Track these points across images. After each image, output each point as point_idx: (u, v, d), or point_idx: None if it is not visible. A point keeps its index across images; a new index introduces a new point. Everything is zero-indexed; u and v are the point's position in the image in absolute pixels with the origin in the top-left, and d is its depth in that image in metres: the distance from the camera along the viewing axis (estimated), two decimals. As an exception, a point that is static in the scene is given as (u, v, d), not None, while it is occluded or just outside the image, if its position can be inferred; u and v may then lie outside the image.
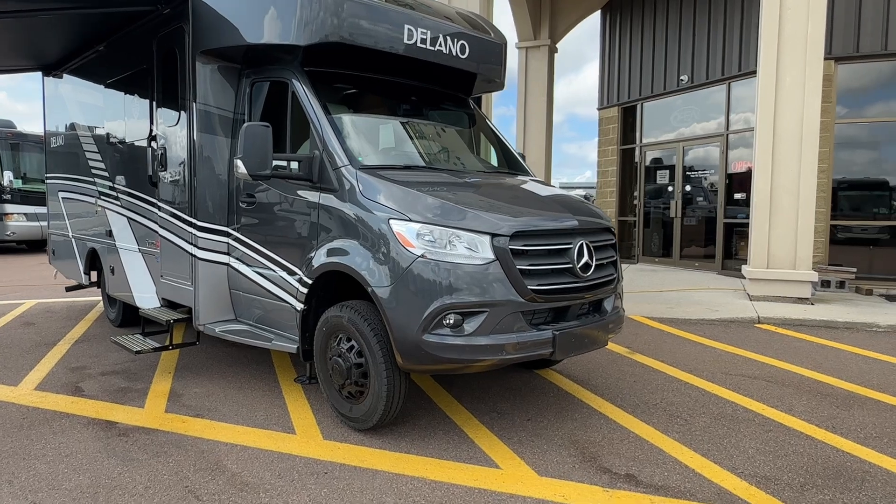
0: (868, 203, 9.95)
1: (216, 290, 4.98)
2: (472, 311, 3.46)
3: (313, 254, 4.07)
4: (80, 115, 7.17)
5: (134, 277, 6.10)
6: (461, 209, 3.61)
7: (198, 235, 4.91)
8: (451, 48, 4.81)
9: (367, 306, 3.83)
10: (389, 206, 3.65)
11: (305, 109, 4.22)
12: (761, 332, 6.93)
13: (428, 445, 3.77)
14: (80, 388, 4.89)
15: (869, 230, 9.87)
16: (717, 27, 10.78)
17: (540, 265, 3.65)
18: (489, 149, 5.47)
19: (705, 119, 11.44)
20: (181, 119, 5.06)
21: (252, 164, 3.89)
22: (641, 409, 4.37)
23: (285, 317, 4.41)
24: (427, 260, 3.47)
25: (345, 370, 3.84)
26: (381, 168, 4.05)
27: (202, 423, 4.16)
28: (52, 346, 6.27)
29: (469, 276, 3.45)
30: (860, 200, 9.96)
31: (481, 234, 3.52)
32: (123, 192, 6.10)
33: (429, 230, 3.52)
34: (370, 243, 3.69)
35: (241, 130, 3.89)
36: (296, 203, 4.23)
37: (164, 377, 5.17)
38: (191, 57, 4.85)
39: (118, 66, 6.16)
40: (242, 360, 5.65)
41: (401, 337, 3.51)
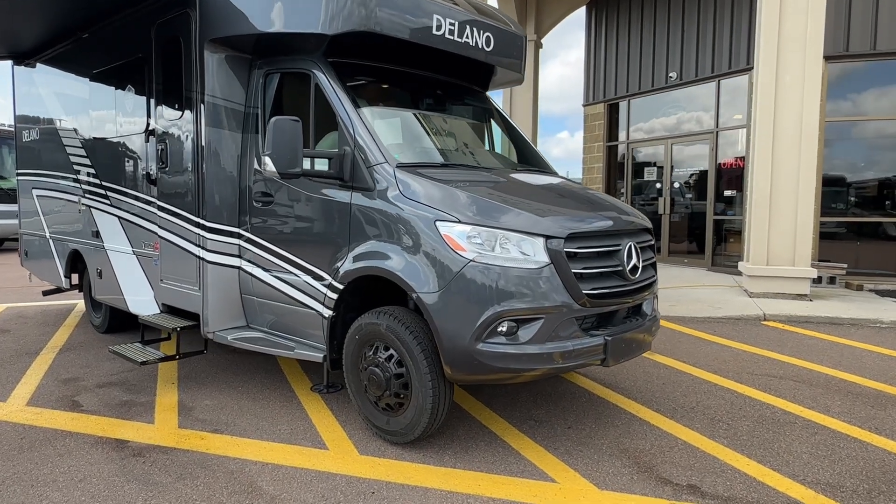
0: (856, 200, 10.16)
1: (227, 296, 4.67)
2: (528, 317, 3.28)
3: (344, 257, 3.82)
4: (59, 108, 6.69)
5: (127, 281, 5.72)
6: (513, 210, 3.41)
7: (206, 237, 4.59)
8: (478, 40, 4.61)
9: (408, 313, 3.60)
10: (434, 206, 3.43)
11: (332, 103, 3.96)
12: (770, 329, 6.95)
13: (473, 458, 3.58)
14: (78, 403, 4.53)
15: (856, 226, 10.07)
16: (707, 24, 10.83)
17: (592, 268, 3.49)
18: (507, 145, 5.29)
19: (694, 116, 11.51)
20: (185, 112, 4.72)
21: (282, 162, 3.62)
22: (681, 414, 4.27)
23: (309, 323, 4.15)
24: (478, 264, 3.26)
25: (383, 381, 3.61)
26: (419, 166, 3.82)
27: (222, 439, 3.87)
28: (34, 355, 5.84)
29: (523, 281, 3.26)
30: (848, 197, 10.16)
31: (535, 236, 3.33)
32: (114, 190, 5.70)
33: (479, 232, 3.32)
34: (412, 246, 3.47)
35: (270, 125, 3.61)
36: (323, 203, 3.96)
37: (168, 388, 4.84)
38: (198, 46, 4.52)
39: (107, 55, 5.74)
40: (248, 368, 5.35)
41: (451, 346, 3.30)
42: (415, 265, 3.43)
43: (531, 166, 4.81)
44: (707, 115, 11.22)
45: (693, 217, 11.83)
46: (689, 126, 11.63)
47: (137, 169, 5.39)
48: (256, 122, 4.51)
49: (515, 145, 5.03)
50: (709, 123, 11.17)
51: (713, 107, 10.97)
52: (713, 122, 11.03)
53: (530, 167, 4.72)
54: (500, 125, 5.14)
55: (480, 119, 5.06)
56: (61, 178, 6.67)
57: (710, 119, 11.14)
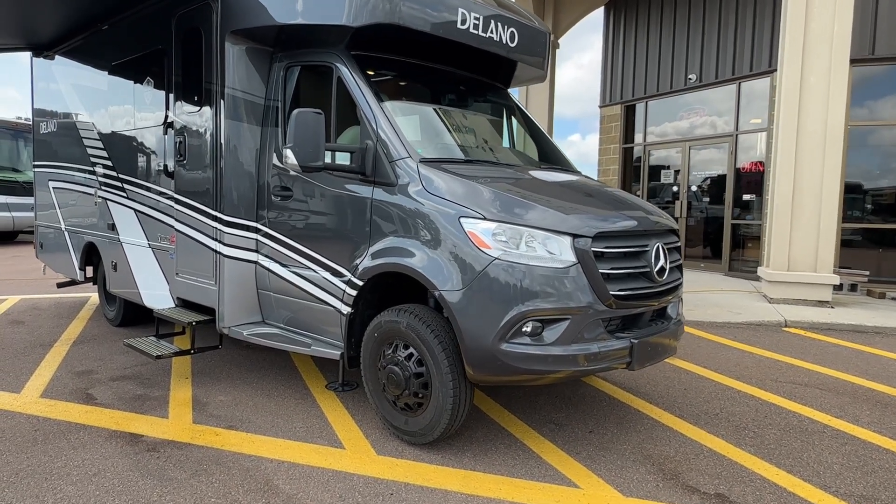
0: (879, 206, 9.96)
1: (243, 290, 4.62)
2: (553, 318, 3.19)
3: (364, 253, 3.75)
4: (76, 100, 6.68)
5: (142, 274, 5.69)
6: (539, 207, 3.33)
7: (223, 231, 4.54)
8: (502, 35, 4.53)
9: (429, 311, 3.53)
10: (458, 202, 3.35)
11: (355, 97, 3.89)
12: (792, 336, 6.82)
13: (493, 461, 3.50)
14: (92, 396, 4.49)
15: (878, 233, 9.88)
16: (728, 26, 10.68)
17: (619, 269, 3.40)
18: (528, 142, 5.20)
19: (713, 119, 11.36)
20: (204, 105, 4.67)
21: (304, 155, 3.55)
22: (705, 420, 4.16)
23: (326, 320, 4.08)
24: (503, 262, 3.18)
25: (402, 380, 3.54)
26: (442, 161, 3.74)
27: (238, 435, 3.81)
28: (48, 347, 5.82)
29: (549, 280, 3.18)
30: (871, 203, 9.96)
31: (561, 234, 3.24)
32: (131, 182, 5.67)
33: (504, 229, 3.24)
34: (435, 243, 3.39)
35: (292, 117, 3.55)
36: (344, 198, 3.90)
37: (181, 383, 4.79)
38: (219, 37, 4.47)
39: (126, 46, 5.71)
40: (262, 364, 5.30)
41: (473, 346, 3.22)
42: (437, 262, 3.36)
43: (553, 164, 4.72)
44: (726, 117, 11.07)
45: (710, 221, 11.67)
46: (708, 129, 11.48)
47: (154, 162, 5.36)
48: (276, 116, 4.46)
49: (537, 143, 4.95)
50: (728, 126, 11.02)
51: (733, 109, 10.82)
52: (733, 125, 10.88)
53: (553, 165, 4.63)
54: (522, 122, 5.05)
55: (502, 116, 4.98)
56: (78, 170, 6.66)
57: (729, 122, 10.98)
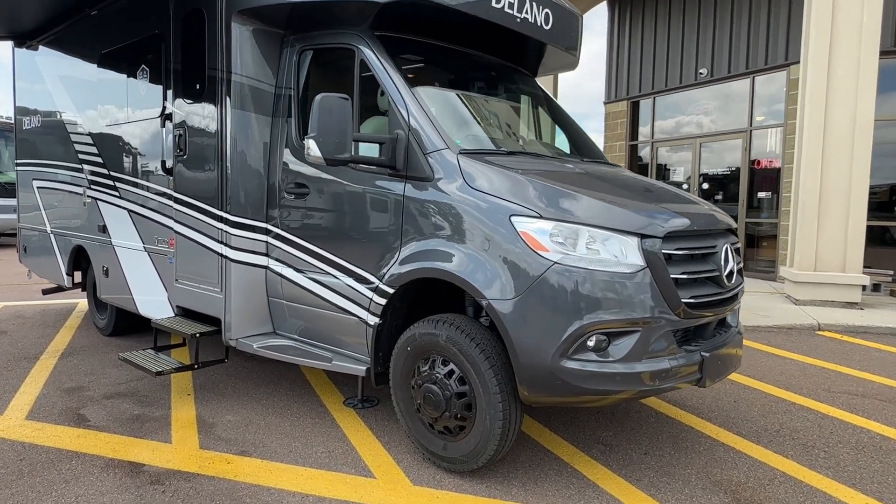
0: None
1: (252, 298, 4.18)
2: (622, 330, 2.80)
3: (395, 257, 3.33)
4: (63, 93, 6.19)
5: (136, 280, 5.22)
6: (601, 204, 2.93)
7: (230, 233, 4.10)
8: (537, 16, 4.13)
9: (472, 322, 3.12)
10: (508, 199, 2.95)
11: (382, 82, 3.47)
12: (827, 340, 6.48)
13: (545, 491, 3.10)
14: (84, 417, 4.03)
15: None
16: (742, 18, 10.36)
17: (689, 273, 3.01)
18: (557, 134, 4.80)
19: (726, 114, 11.04)
20: (207, 94, 4.23)
21: (328, 146, 3.13)
22: (767, 438, 3.79)
23: (349, 332, 3.67)
24: (564, 267, 2.78)
25: (441, 401, 3.12)
26: (484, 153, 3.34)
27: (252, 463, 3.38)
28: (34, 360, 5.33)
29: (616, 287, 2.78)
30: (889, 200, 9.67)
31: (628, 234, 2.85)
32: (124, 180, 5.21)
33: (563, 229, 2.84)
34: (480, 245, 2.98)
35: (315, 103, 3.12)
36: (370, 195, 3.47)
37: (183, 401, 4.34)
38: (224, 18, 4.03)
39: (117, 33, 5.25)
40: (270, 378, 4.86)
41: (529, 362, 2.81)
42: (484, 267, 2.95)
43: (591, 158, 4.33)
44: (739, 113, 10.75)
45: (722, 220, 11.30)
46: (720, 124, 11.16)
47: (151, 158, 4.90)
48: (289, 105, 4.03)
49: (571, 135, 4.55)
50: (742, 122, 10.70)
51: (747, 104, 10.50)
52: (746, 120, 10.57)
53: (597, 159, 4.24)
54: (554, 113, 4.65)
55: (533, 105, 4.58)
56: (65, 168, 6.17)
57: (742, 117, 10.67)
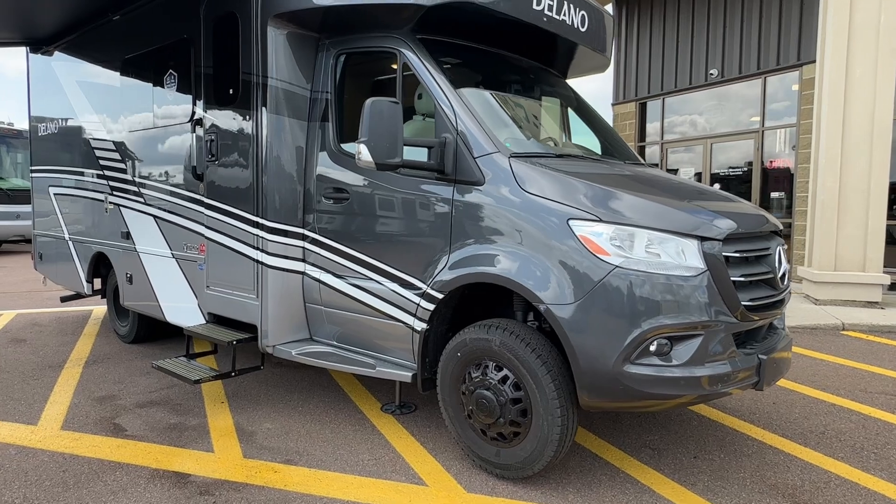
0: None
1: (289, 304, 4.14)
2: (685, 334, 2.78)
3: (444, 262, 3.30)
4: (82, 98, 6.13)
5: (163, 287, 5.17)
6: (661, 207, 2.91)
7: (267, 238, 4.06)
8: (574, 18, 4.11)
9: (526, 328, 3.09)
10: (566, 202, 2.92)
11: (427, 86, 3.44)
12: (854, 340, 6.47)
13: (602, 497, 3.06)
14: (121, 427, 3.98)
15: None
16: (752, 18, 10.38)
17: (748, 275, 2.99)
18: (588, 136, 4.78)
19: (737, 115, 11.05)
20: (241, 99, 4.19)
21: (380, 150, 3.09)
22: (814, 441, 3.77)
23: (393, 338, 3.63)
24: (625, 270, 2.75)
25: (496, 407, 3.09)
26: (534, 156, 3.31)
27: (300, 471, 3.34)
28: (58, 368, 5.28)
29: (678, 291, 2.76)
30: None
31: (688, 237, 2.83)
32: (149, 186, 5.16)
33: (623, 233, 2.81)
34: (537, 249, 2.95)
35: (366, 108, 3.09)
36: (417, 199, 3.44)
37: (218, 409, 4.30)
38: (259, 22, 3.99)
39: (142, 38, 5.20)
40: (302, 384, 4.81)
41: (590, 368, 2.79)
42: (540, 271, 2.92)
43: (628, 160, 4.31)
44: (751, 113, 10.77)
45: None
46: (731, 125, 11.17)
47: (179, 163, 4.85)
48: (326, 109, 4.00)
49: (605, 137, 4.52)
50: (754, 122, 10.72)
51: (758, 105, 10.51)
52: (759, 120, 10.58)
53: (632, 160, 4.21)
54: (587, 115, 4.62)
55: (566, 107, 4.55)
56: (84, 174, 6.12)
57: (754, 118, 10.69)
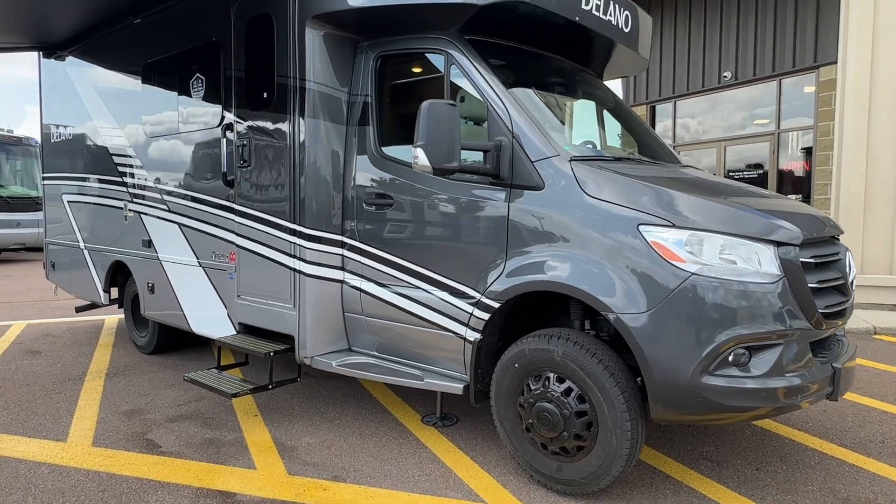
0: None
1: (327, 314, 4.01)
2: (765, 343, 2.67)
3: (500, 270, 3.18)
4: (99, 103, 6.00)
5: (188, 296, 5.03)
6: (735, 211, 2.81)
7: (304, 246, 3.93)
8: (618, 18, 4.02)
9: (590, 338, 2.98)
10: (634, 207, 2.81)
11: (480, 88, 3.33)
12: (889, 344, 6.36)
13: (670, 514, 2.95)
14: (153, 442, 3.84)
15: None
16: (766, 21, 10.34)
17: (822, 281, 2.89)
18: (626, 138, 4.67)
19: (751, 117, 11.00)
20: (277, 103, 4.07)
21: (437, 154, 2.98)
22: (875, 450, 3.66)
23: (442, 348, 3.51)
24: (702, 278, 2.65)
25: (559, 420, 2.97)
26: (594, 159, 3.21)
27: (350, 489, 3.21)
28: (79, 381, 5.13)
29: (756, 298, 2.65)
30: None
31: (764, 242, 2.72)
32: (174, 193, 5.02)
33: (697, 238, 2.70)
34: (604, 256, 2.84)
35: (422, 110, 2.97)
36: (470, 205, 3.32)
37: (252, 422, 4.16)
38: (297, 24, 3.88)
39: (166, 41, 5.08)
40: (334, 395, 4.68)
41: (665, 379, 2.67)
42: (608, 280, 2.81)
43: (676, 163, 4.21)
44: (766, 115, 10.71)
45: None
46: (746, 128, 11.11)
47: (207, 169, 4.72)
48: (366, 113, 3.89)
49: (649, 140, 4.42)
50: (769, 124, 10.67)
51: (774, 107, 10.47)
52: (774, 123, 10.54)
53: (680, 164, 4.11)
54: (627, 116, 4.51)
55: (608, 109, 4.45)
56: (101, 181, 5.99)
57: (769, 120, 10.64)
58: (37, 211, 13.73)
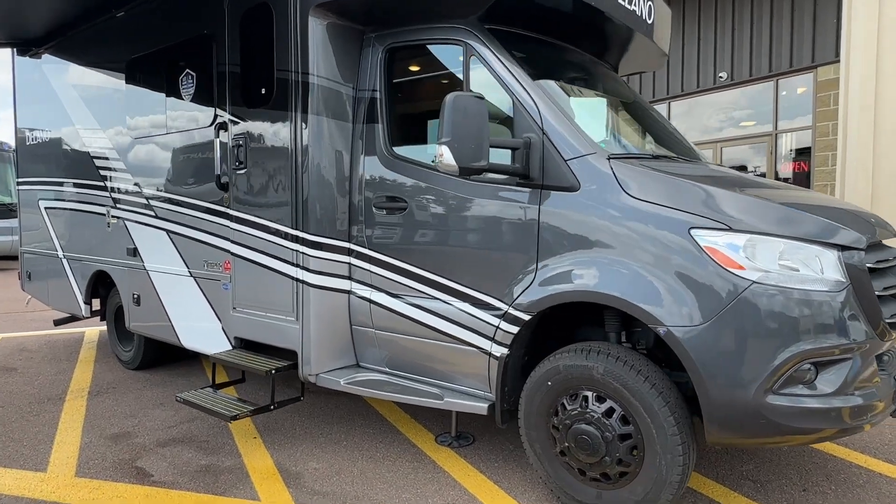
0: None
1: (333, 327, 3.71)
2: (833, 358, 2.42)
3: (531, 279, 2.91)
4: (79, 104, 5.63)
5: (178, 309, 4.69)
6: (796, 213, 2.56)
7: (308, 254, 3.62)
8: (643, 9, 3.79)
9: (633, 353, 2.72)
10: (685, 209, 2.56)
11: (505, 81, 3.06)
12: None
13: (723, 544, 2.69)
14: (144, 471, 3.49)
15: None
16: (762, 22, 10.24)
17: (887, 288, 2.66)
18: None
19: (747, 118, 10.89)
20: (276, 99, 3.76)
21: (464, 153, 2.70)
22: (923, 466, 3.46)
23: (463, 364, 3.22)
24: (765, 286, 2.40)
25: (601, 444, 2.70)
26: (632, 157, 2.95)
27: (366, 523, 2.91)
28: (59, 401, 4.75)
29: (822, 308, 2.41)
30: None
31: (828, 247, 2.49)
32: (161, 198, 4.68)
33: (758, 243, 2.46)
34: (651, 263, 2.58)
35: (446, 104, 2.70)
36: (495, 208, 3.04)
37: (252, 446, 3.83)
38: (299, 14, 3.58)
39: (151, 36, 4.74)
40: (337, 414, 4.36)
41: (725, 399, 2.42)
42: (657, 289, 2.55)
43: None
44: (763, 116, 10.61)
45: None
46: (743, 129, 11.00)
47: (198, 172, 4.39)
48: (373, 110, 3.60)
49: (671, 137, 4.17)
50: (766, 125, 10.57)
51: (771, 108, 10.36)
52: (772, 123, 10.43)
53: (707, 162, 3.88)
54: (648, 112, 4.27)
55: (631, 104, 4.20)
56: (81, 186, 5.62)
57: (767, 121, 10.53)
58: (11, 218, 13.19)
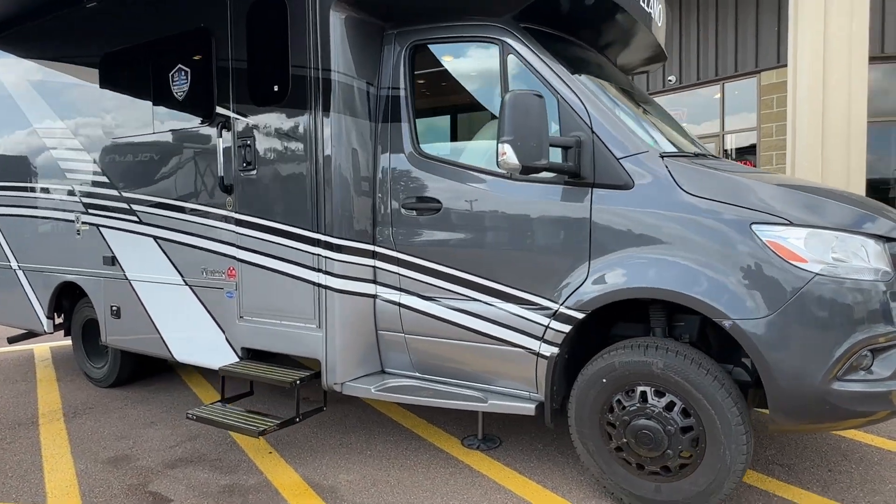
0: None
1: (359, 333, 3.58)
2: (888, 345, 2.56)
3: (583, 277, 2.91)
4: (39, 101, 5.18)
5: (169, 320, 4.40)
6: (848, 208, 2.69)
7: (331, 258, 3.48)
8: (654, 10, 3.88)
9: (691, 348, 2.78)
10: (745, 205, 2.63)
11: (548, 81, 3.04)
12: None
13: (778, 528, 2.79)
14: (162, 496, 3.25)
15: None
16: (708, 27, 10.77)
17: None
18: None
19: (695, 120, 11.43)
20: (291, 96, 3.59)
21: (527, 151, 2.67)
22: (924, 441, 3.71)
23: (507, 366, 3.19)
24: (827, 278, 2.50)
25: (663, 438, 2.73)
26: (681, 155, 3.01)
27: (423, 533, 2.82)
28: (31, 426, 4.35)
29: (878, 297, 2.54)
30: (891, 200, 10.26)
31: (878, 239, 2.63)
32: (148, 202, 4.37)
33: (817, 237, 2.57)
34: (713, 258, 2.64)
35: (506, 103, 2.66)
36: (542, 207, 3.02)
37: (270, 461, 3.64)
38: (319, 8, 3.44)
39: (134, 28, 4.43)
40: (351, 422, 4.22)
41: (791, 387, 2.50)
42: (720, 283, 2.61)
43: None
44: (711, 118, 11.18)
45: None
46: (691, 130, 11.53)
47: (195, 173, 4.14)
48: (397, 108, 3.51)
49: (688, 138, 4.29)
50: (713, 127, 11.13)
51: (717, 110, 10.92)
52: (719, 125, 11.00)
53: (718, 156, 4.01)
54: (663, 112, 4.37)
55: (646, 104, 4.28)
56: (42, 190, 5.18)
57: (714, 123, 11.10)
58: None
